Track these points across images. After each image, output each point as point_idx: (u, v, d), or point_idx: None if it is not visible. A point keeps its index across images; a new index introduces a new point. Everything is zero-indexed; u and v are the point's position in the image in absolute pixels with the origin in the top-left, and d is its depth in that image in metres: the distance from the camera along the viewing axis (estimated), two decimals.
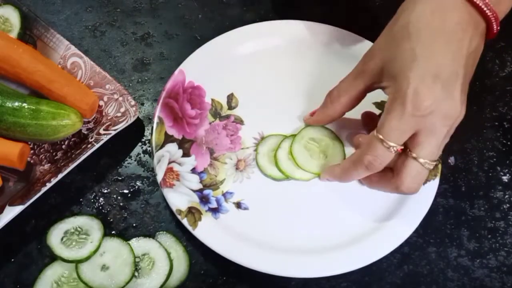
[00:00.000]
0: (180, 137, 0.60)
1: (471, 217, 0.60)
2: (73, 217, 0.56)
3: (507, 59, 0.69)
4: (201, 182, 0.59)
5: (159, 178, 0.57)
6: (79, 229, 0.55)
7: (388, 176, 0.52)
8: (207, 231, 0.55)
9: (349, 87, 0.54)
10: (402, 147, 0.49)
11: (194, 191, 0.58)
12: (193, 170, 0.59)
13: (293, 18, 0.67)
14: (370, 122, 0.58)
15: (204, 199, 0.57)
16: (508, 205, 0.61)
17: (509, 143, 0.64)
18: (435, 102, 0.46)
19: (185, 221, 0.55)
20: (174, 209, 0.55)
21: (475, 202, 0.60)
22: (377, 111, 0.62)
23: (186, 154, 0.60)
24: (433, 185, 0.58)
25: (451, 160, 0.62)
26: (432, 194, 0.57)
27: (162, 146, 0.59)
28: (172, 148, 0.59)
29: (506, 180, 0.62)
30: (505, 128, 0.65)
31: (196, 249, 0.57)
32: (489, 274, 0.57)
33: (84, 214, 0.56)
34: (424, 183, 0.58)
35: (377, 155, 0.49)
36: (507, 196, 0.61)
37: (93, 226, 0.55)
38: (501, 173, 0.62)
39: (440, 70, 0.46)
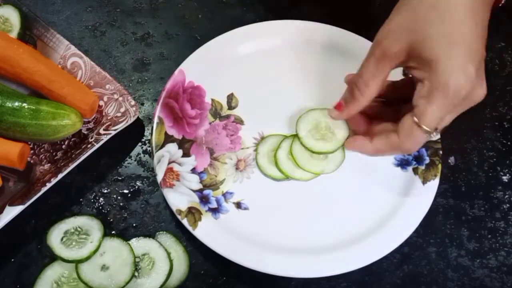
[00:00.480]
0: (180, 137, 0.60)
1: (471, 217, 0.60)
2: (73, 217, 0.56)
3: (507, 59, 0.69)
4: (201, 182, 0.59)
5: (159, 178, 0.57)
6: (79, 229, 0.55)
7: (390, 138, 0.52)
8: (207, 231, 0.55)
9: (375, 73, 0.51)
10: (437, 129, 0.49)
11: (194, 191, 0.58)
12: (193, 170, 0.59)
13: (293, 18, 0.67)
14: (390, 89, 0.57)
15: (204, 199, 0.57)
16: (508, 205, 0.60)
17: (509, 143, 0.64)
18: (471, 89, 0.47)
19: (185, 221, 0.55)
20: (174, 209, 0.55)
21: (475, 202, 0.60)
22: None
23: (186, 154, 0.60)
24: (433, 185, 0.58)
25: (451, 160, 0.62)
26: (432, 194, 0.57)
27: (162, 146, 0.59)
28: (172, 148, 0.59)
29: (506, 180, 0.62)
30: (505, 128, 0.65)
31: (196, 249, 0.57)
32: (489, 274, 0.57)
33: (84, 214, 0.56)
34: (424, 183, 0.58)
35: (419, 142, 0.50)
36: (507, 196, 0.61)
37: (93, 226, 0.55)
38: (501, 173, 0.62)
39: (474, 56, 0.46)
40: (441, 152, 0.60)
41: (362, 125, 0.57)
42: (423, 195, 0.57)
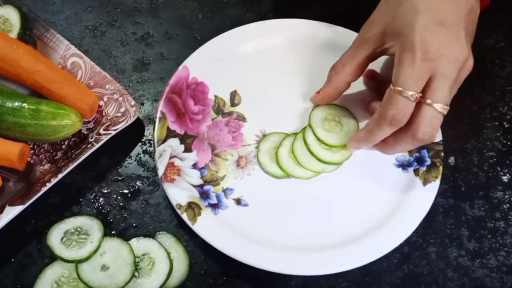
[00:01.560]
0: (182, 133, 0.60)
1: (471, 217, 0.60)
2: (73, 217, 0.56)
3: (507, 59, 0.69)
4: (201, 177, 0.59)
5: (160, 172, 0.57)
6: (79, 229, 0.55)
7: (402, 129, 0.51)
8: (206, 227, 0.55)
9: (352, 56, 0.55)
10: (421, 94, 0.49)
11: (195, 186, 0.58)
12: (194, 166, 0.59)
13: (293, 18, 0.67)
14: (373, 81, 0.60)
15: (204, 195, 0.58)
16: (508, 205, 0.61)
17: (509, 143, 0.64)
18: (442, 45, 0.48)
19: (184, 216, 0.55)
20: (174, 203, 0.56)
21: (475, 202, 0.60)
22: None
23: (187, 150, 0.60)
24: (434, 186, 0.58)
25: (451, 160, 0.63)
26: (432, 195, 0.57)
27: (164, 141, 0.59)
28: (174, 143, 0.59)
29: (506, 180, 0.62)
30: (505, 128, 0.65)
31: (196, 249, 0.57)
32: (489, 274, 0.57)
33: (84, 214, 0.56)
34: (425, 184, 0.58)
35: (400, 107, 0.49)
36: (507, 196, 0.61)
37: (93, 226, 0.55)
38: (501, 173, 0.62)
39: (443, 18, 0.48)
40: (442, 154, 0.60)
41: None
42: (424, 196, 0.57)
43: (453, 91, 0.51)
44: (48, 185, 0.55)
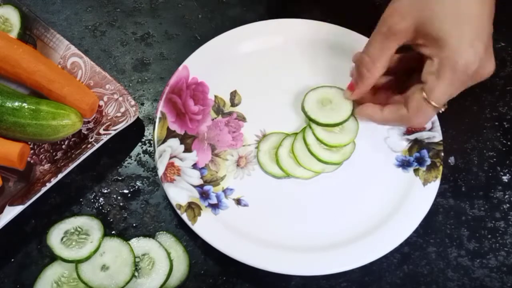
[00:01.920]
0: (182, 133, 0.60)
1: (471, 217, 0.60)
2: (73, 217, 0.56)
3: (507, 59, 0.69)
4: (201, 177, 0.59)
5: (160, 172, 0.57)
6: (79, 229, 0.55)
7: (399, 111, 0.53)
8: (206, 227, 0.55)
9: (382, 50, 0.52)
10: (446, 106, 0.51)
11: (195, 186, 0.58)
12: (194, 166, 0.59)
13: (293, 18, 0.67)
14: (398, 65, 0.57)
15: (204, 195, 0.58)
16: (508, 205, 0.60)
17: (509, 143, 0.64)
18: (480, 65, 0.48)
19: (184, 216, 0.55)
20: (174, 203, 0.56)
21: (475, 202, 0.60)
22: None
23: (187, 150, 0.60)
24: (434, 187, 0.58)
25: (451, 160, 0.63)
26: (432, 195, 0.57)
27: (164, 141, 0.59)
28: (174, 143, 0.59)
29: (506, 180, 0.62)
30: (505, 128, 0.65)
31: (196, 249, 0.57)
32: (489, 274, 0.57)
33: (84, 214, 0.56)
34: (425, 184, 0.58)
35: (428, 118, 0.52)
36: (507, 196, 0.61)
37: (93, 226, 0.55)
38: (501, 173, 0.62)
39: (481, 32, 0.48)
40: (442, 154, 0.60)
41: (367, 95, 0.57)
42: (424, 196, 0.57)
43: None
44: (48, 185, 0.55)
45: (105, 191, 0.60)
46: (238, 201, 0.58)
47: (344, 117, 0.59)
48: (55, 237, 0.54)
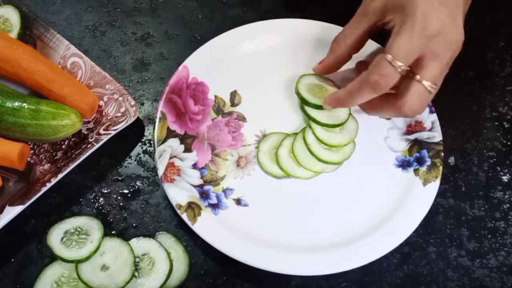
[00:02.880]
0: (182, 133, 0.60)
1: (471, 217, 0.60)
2: (73, 217, 0.56)
3: (507, 59, 0.69)
4: (201, 177, 0.59)
5: (160, 172, 0.57)
6: (79, 229, 0.55)
7: (390, 99, 0.52)
8: (206, 227, 0.55)
9: (354, 29, 0.55)
10: (408, 68, 0.49)
11: (195, 186, 0.58)
12: (194, 166, 0.59)
13: (293, 18, 0.67)
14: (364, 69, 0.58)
15: (204, 195, 0.58)
16: (508, 205, 0.60)
17: (509, 143, 0.64)
18: (442, 25, 0.48)
19: (184, 216, 0.55)
20: (174, 203, 0.56)
21: (475, 202, 0.60)
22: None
23: (187, 150, 0.60)
24: (434, 186, 0.58)
25: (451, 160, 0.63)
26: (432, 194, 0.57)
27: (164, 141, 0.59)
28: (174, 143, 0.59)
29: (506, 180, 0.62)
30: (505, 128, 0.65)
31: (196, 249, 0.57)
32: (489, 274, 0.57)
33: (84, 214, 0.56)
34: (425, 184, 0.58)
35: (384, 74, 0.49)
36: (507, 196, 0.61)
37: (93, 226, 0.55)
38: (501, 173, 0.62)
39: (445, 1, 0.49)
40: (442, 154, 0.60)
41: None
42: (424, 196, 0.57)
43: (444, 73, 0.51)
44: (48, 185, 0.55)
45: (105, 191, 0.60)
46: (238, 201, 0.58)
47: (344, 118, 0.59)
48: (55, 237, 0.54)
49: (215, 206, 0.57)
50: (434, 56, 0.49)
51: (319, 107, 0.59)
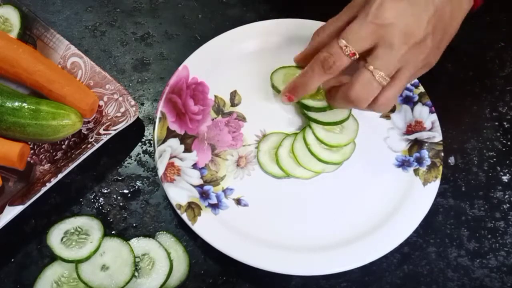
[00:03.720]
0: (182, 133, 0.60)
1: (471, 217, 0.60)
2: (73, 217, 0.56)
3: (507, 59, 0.69)
4: (201, 177, 0.59)
5: (160, 172, 0.57)
6: (79, 229, 0.55)
7: (342, 87, 0.53)
8: (206, 227, 0.55)
9: (335, 21, 0.55)
10: (356, 53, 0.50)
11: (195, 186, 0.58)
12: (194, 166, 0.59)
13: (293, 18, 0.67)
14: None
15: (204, 195, 0.58)
16: (508, 205, 0.60)
17: (509, 143, 0.64)
18: (397, 16, 0.49)
19: (184, 216, 0.55)
20: (174, 203, 0.56)
21: (475, 202, 0.60)
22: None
23: (187, 150, 0.60)
24: (434, 186, 0.58)
25: (451, 160, 0.63)
26: (432, 194, 0.57)
27: (164, 141, 0.59)
28: (174, 143, 0.59)
29: (506, 180, 0.62)
30: (505, 128, 0.65)
31: (196, 249, 0.57)
32: (489, 274, 0.57)
33: (84, 214, 0.56)
34: (425, 184, 0.58)
35: (332, 52, 0.51)
36: (507, 196, 0.61)
37: (93, 226, 0.55)
38: (501, 173, 0.62)
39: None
40: (442, 154, 0.60)
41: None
42: (424, 196, 0.57)
43: (407, 71, 0.51)
44: (48, 185, 0.55)
45: (105, 191, 0.60)
46: (238, 201, 0.58)
47: (345, 116, 0.59)
48: (55, 237, 0.54)
49: (215, 206, 0.57)
50: (386, 45, 0.49)
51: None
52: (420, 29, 0.50)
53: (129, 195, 0.60)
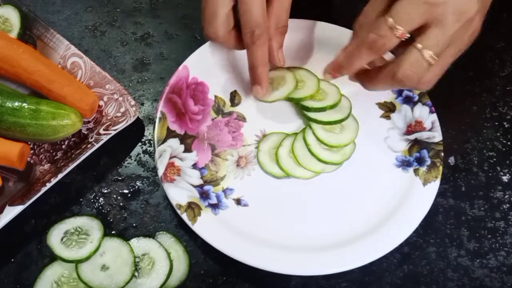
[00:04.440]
0: (182, 133, 0.60)
1: (471, 217, 0.60)
2: (73, 217, 0.56)
3: (507, 59, 0.69)
4: (201, 177, 0.59)
5: (160, 172, 0.57)
6: (79, 229, 0.55)
7: (387, 68, 0.52)
8: (206, 227, 0.55)
9: (376, 3, 0.52)
10: (407, 34, 0.48)
11: (195, 186, 0.58)
12: (194, 166, 0.59)
13: (293, 18, 0.66)
14: None
15: (204, 195, 0.58)
16: (508, 205, 0.60)
17: (509, 143, 0.64)
18: None
19: (184, 216, 0.55)
20: (174, 203, 0.56)
21: (475, 202, 0.60)
22: (379, 112, 0.62)
23: (187, 150, 0.60)
24: (434, 186, 0.58)
25: (451, 160, 0.63)
26: (432, 195, 0.57)
27: (164, 141, 0.59)
28: (174, 143, 0.59)
29: (506, 180, 0.62)
30: (505, 128, 0.65)
31: (196, 249, 0.57)
32: (489, 274, 0.57)
33: (84, 215, 0.56)
34: (425, 184, 0.58)
35: (381, 35, 0.49)
36: (507, 196, 0.61)
37: (93, 226, 0.55)
38: (501, 173, 0.62)
39: None
40: (442, 154, 0.60)
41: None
42: (424, 196, 0.57)
43: (453, 49, 0.50)
44: (48, 185, 0.55)
45: (105, 191, 0.60)
46: (238, 201, 0.58)
47: (345, 114, 0.60)
48: (55, 237, 0.54)
49: (215, 206, 0.57)
50: (438, 24, 0.47)
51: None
52: (472, 6, 0.48)
53: (129, 195, 0.60)
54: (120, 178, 0.60)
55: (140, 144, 0.62)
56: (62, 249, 0.53)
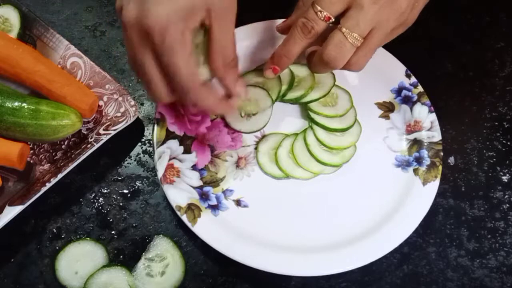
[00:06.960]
0: (181, 134, 0.60)
1: (471, 217, 0.60)
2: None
3: (507, 59, 0.69)
4: (201, 179, 0.59)
5: (160, 174, 0.57)
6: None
7: (318, 53, 0.54)
8: (206, 228, 0.55)
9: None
10: (331, 17, 0.52)
11: (194, 187, 0.58)
12: (194, 167, 0.59)
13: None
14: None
15: (204, 196, 0.58)
16: (508, 205, 0.60)
17: (509, 143, 0.64)
18: None
19: (184, 217, 0.55)
20: (173, 205, 0.56)
21: (475, 202, 0.60)
22: (378, 111, 0.62)
23: (187, 151, 0.60)
24: (434, 186, 0.58)
25: (451, 160, 0.62)
26: (432, 194, 0.57)
27: (163, 143, 0.59)
28: (173, 145, 0.59)
29: (506, 180, 0.62)
30: (505, 128, 0.65)
31: (196, 249, 0.57)
32: (489, 274, 0.57)
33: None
34: (425, 184, 0.58)
35: (309, 18, 0.53)
36: (507, 196, 0.61)
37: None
38: (501, 173, 0.62)
39: None
40: (442, 153, 0.60)
41: None
42: (423, 196, 0.57)
43: (380, 31, 0.52)
44: (48, 185, 0.55)
45: (105, 191, 0.60)
46: (238, 202, 0.58)
47: (350, 123, 0.60)
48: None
49: (215, 208, 0.57)
50: (357, 6, 0.51)
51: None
52: None
53: (129, 195, 0.60)
54: (120, 178, 0.61)
55: (140, 144, 0.62)
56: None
